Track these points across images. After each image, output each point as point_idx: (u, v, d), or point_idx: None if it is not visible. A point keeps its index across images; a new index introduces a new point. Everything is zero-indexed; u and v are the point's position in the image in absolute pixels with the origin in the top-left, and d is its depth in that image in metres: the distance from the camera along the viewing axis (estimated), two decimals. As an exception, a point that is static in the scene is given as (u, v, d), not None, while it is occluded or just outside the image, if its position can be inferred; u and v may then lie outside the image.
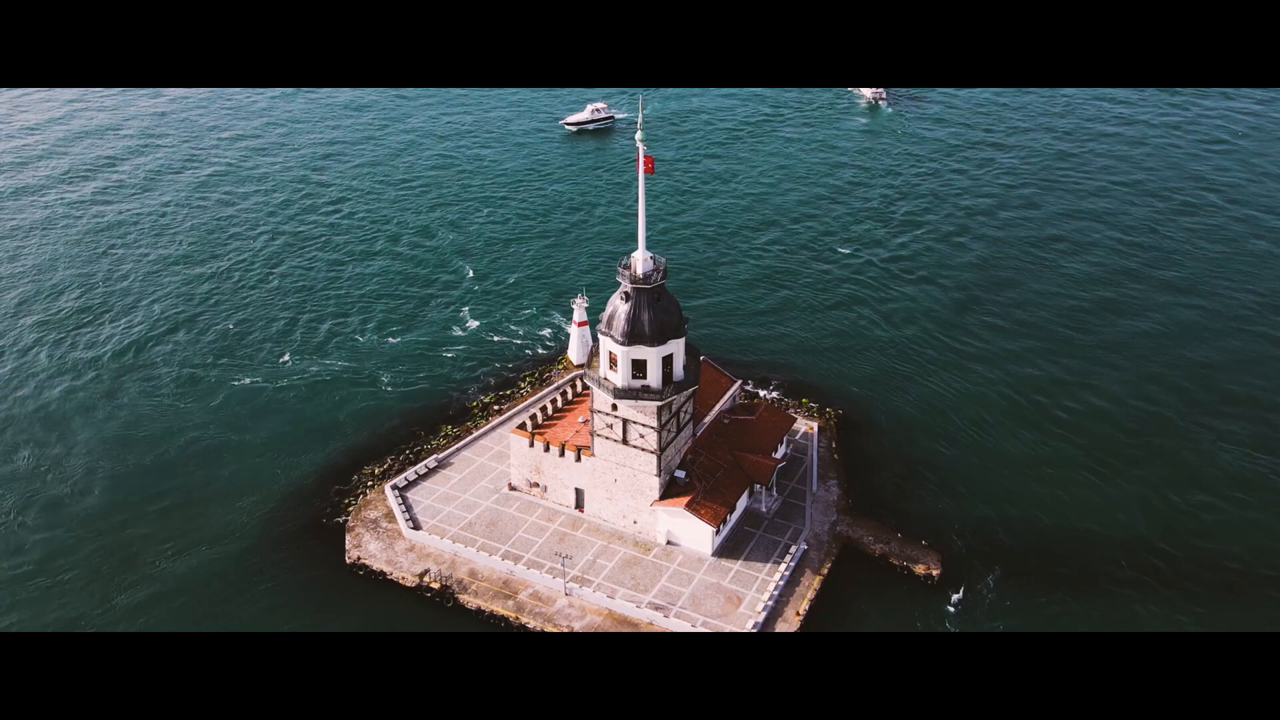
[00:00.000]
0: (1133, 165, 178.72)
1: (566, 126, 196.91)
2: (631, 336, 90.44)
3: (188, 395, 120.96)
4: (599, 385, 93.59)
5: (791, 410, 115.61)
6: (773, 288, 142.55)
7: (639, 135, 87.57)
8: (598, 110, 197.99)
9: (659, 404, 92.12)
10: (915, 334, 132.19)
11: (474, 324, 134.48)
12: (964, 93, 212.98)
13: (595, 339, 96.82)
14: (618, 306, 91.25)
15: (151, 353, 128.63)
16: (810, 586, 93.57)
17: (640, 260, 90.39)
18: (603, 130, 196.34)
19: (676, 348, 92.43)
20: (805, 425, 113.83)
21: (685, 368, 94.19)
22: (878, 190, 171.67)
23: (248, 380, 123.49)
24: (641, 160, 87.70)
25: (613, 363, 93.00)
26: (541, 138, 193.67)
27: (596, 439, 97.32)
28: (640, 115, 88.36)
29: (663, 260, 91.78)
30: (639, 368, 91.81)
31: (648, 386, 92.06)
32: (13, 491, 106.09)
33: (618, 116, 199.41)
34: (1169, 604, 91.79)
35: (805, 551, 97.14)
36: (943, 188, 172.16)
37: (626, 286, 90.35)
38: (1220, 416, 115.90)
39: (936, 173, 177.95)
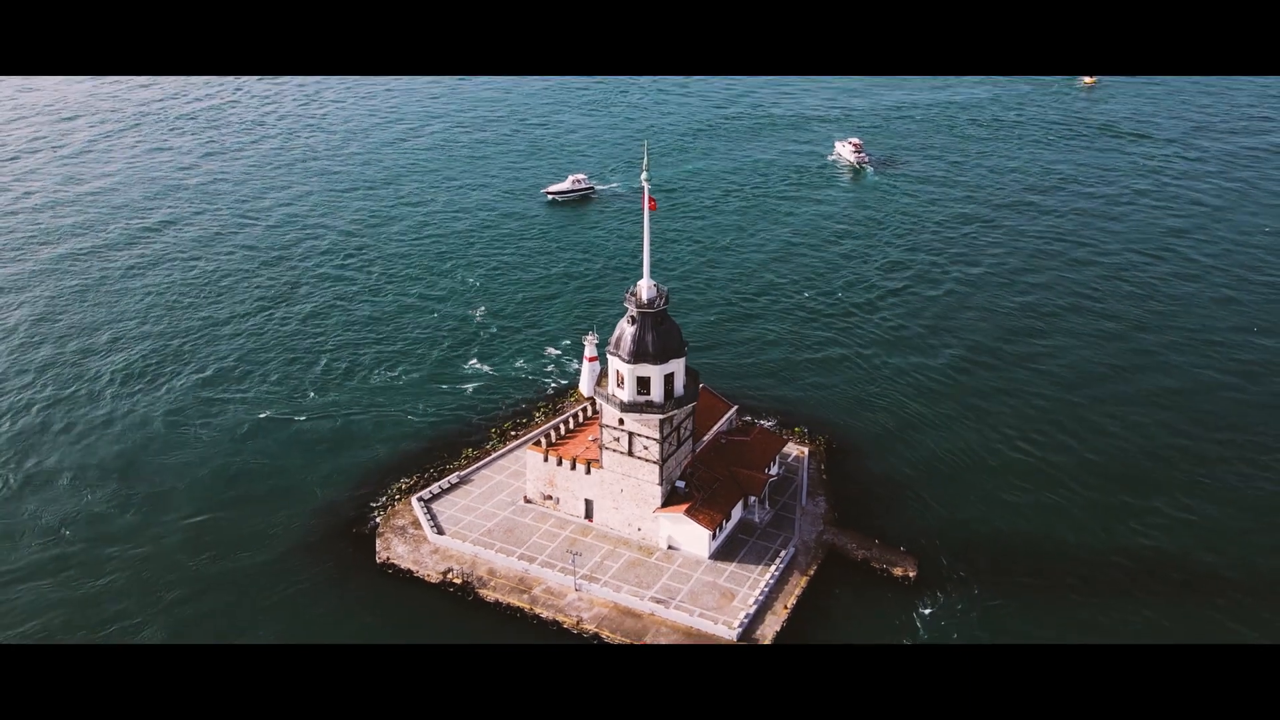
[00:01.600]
0: (1111, 229, 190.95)
1: (548, 196, 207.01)
2: (637, 355, 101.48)
3: (223, 429, 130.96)
4: (607, 401, 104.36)
5: (784, 436, 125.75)
6: (767, 342, 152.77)
7: (644, 175, 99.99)
8: (578, 181, 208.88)
9: (661, 417, 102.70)
10: (900, 377, 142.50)
11: (491, 364, 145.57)
12: (945, 158, 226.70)
13: (604, 362, 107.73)
14: (625, 329, 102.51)
15: (191, 393, 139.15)
16: (798, 585, 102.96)
17: (645, 287, 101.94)
18: (582, 200, 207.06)
19: (677, 366, 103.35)
20: (796, 450, 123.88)
21: (685, 386, 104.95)
22: (865, 250, 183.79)
23: (280, 414, 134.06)
24: (646, 199, 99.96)
25: (620, 380, 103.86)
26: (525, 207, 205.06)
27: (605, 452, 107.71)
28: (645, 157, 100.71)
29: (665, 288, 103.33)
30: (643, 384, 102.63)
31: (651, 401, 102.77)
32: (60, 510, 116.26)
33: (598, 188, 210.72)
34: (1121, 604, 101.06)
35: (794, 556, 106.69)
36: (925, 247, 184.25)
37: (633, 311, 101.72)
38: (1176, 439, 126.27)
39: (920, 233, 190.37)
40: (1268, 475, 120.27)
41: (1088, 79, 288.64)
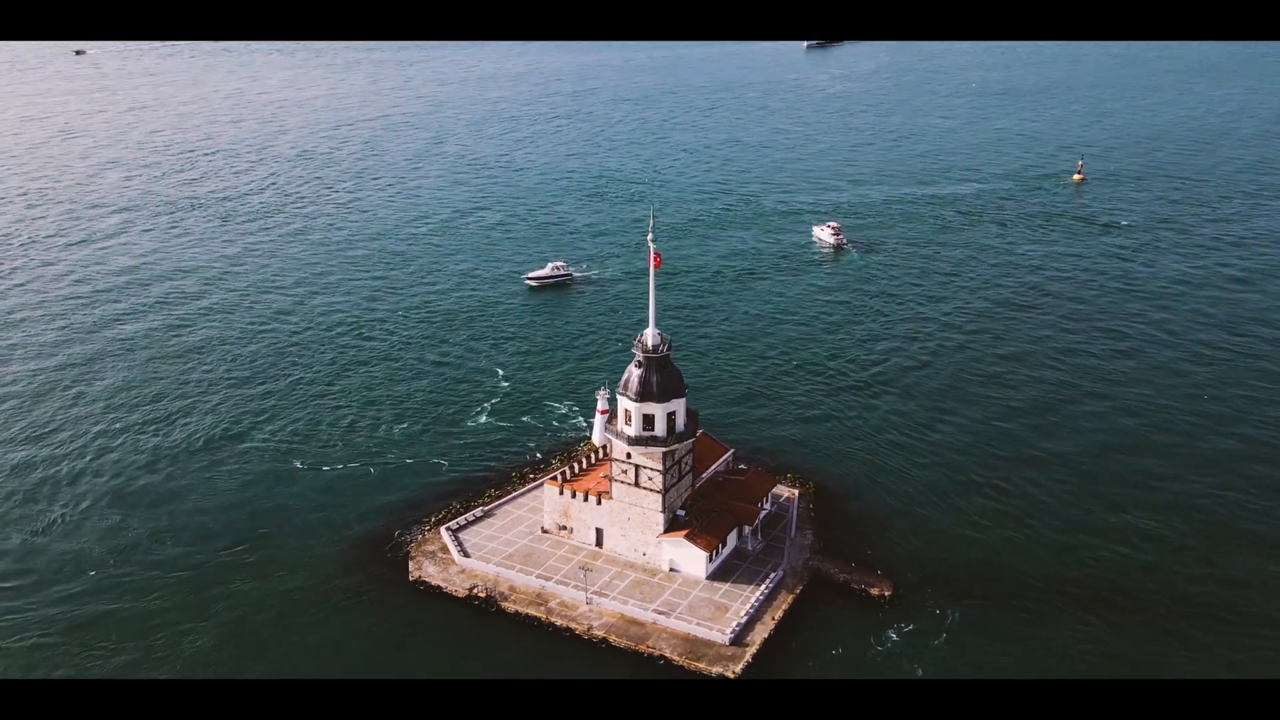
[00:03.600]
0: (1079, 302, 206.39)
1: (528, 282, 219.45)
2: (642, 395, 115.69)
3: (262, 477, 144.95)
4: (617, 436, 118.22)
5: (776, 478, 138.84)
6: (761, 402, 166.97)
7: (650, 236, 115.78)
8: (558, 267, 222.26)
9: (664, 450, 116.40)
10: (884, 433, 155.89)
11: (508, 421, 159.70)
12: (928, 244, 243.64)
13: (613, 404, 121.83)
14: (632, 372, 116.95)
15: (230, 445, 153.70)
16: (785, 601, 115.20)
17: (650, 335, 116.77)
18: (562, 285, 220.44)
19: (679, 406, 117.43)
20: (787, 491, 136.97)
21: (685, 423, 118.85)
22: (849, 321, 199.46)
23: (316, 464, 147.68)
24: (652, 257, 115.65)
25: (627, 418, 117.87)
26: (511, 290, 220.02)
27: (614, 484, 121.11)
28: (651, 220, 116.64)
29: (668, 337, 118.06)
30: (648, 421, 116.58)
31: (655, 436, 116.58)
32: (105, 544, 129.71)
33: (575, 275, 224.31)
34: (1076, 619, 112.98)
35: (782, 578, 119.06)
36: (907, 320, 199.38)
37: (639, 355, 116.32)
38: (1130, 486, 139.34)
39: (900, 306, 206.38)
40: (1213, 510, 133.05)
41: (1076, 175, 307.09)
